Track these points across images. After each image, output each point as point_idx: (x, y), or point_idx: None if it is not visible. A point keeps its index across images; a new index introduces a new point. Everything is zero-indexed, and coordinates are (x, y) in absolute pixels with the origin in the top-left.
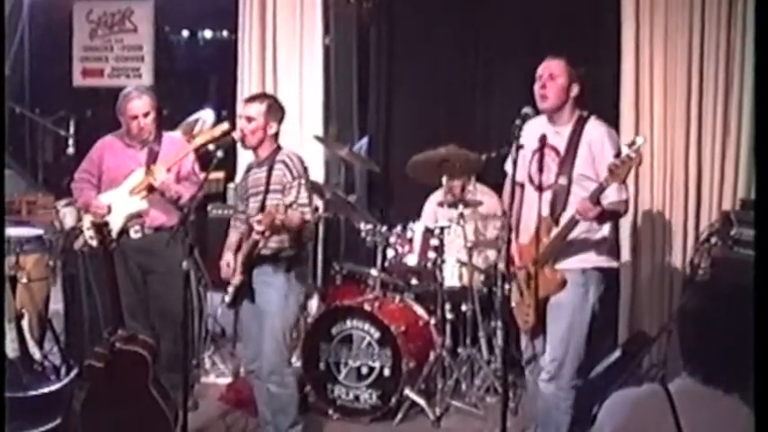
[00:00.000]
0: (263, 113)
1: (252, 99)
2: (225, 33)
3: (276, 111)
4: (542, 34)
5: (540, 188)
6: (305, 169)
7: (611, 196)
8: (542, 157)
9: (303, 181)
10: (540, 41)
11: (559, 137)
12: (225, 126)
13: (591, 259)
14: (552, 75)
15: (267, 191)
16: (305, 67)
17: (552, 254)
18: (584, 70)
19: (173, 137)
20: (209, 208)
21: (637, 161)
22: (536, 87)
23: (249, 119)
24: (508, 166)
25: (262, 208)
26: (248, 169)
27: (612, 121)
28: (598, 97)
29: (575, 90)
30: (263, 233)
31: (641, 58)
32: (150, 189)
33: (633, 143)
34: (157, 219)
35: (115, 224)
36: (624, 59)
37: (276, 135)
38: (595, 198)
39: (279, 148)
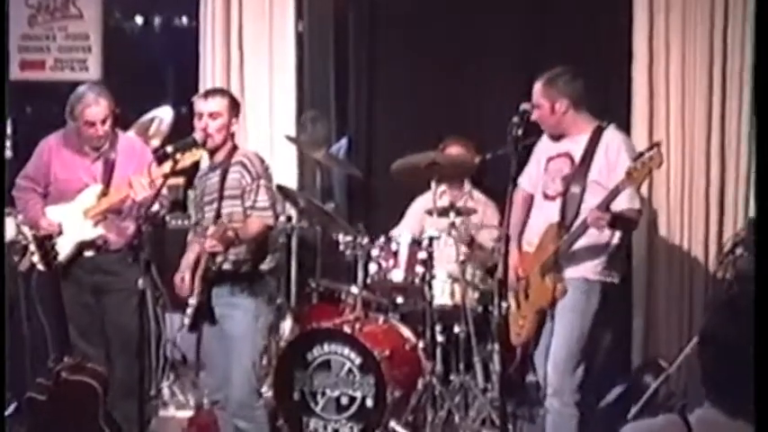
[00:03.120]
0: (227, 108)
1: (212, 93)
2: (184, 20)
3: (236, 106)
4: (545, 21)
5: (551, 196)
6: (265, 169)
7: (622, 204)
8: (556, 165)
9: (263, 182)
10: (543, 29)
11: (575, 145)
12: (198, 154)
13: (595, 270)
14: (550, 106)
15: (222, 197)
16: (275, 58)
17: (556, 261)
18: (571, 77)
19: (129, 141)
20: (167, 218)
21: (656, 163)
22: (538, 114)
23: (214, 115)
24: (522, 179)
25: (217, 218)
26: (202, 175)
27: (622, 124)
28: (606, 98)
29: (562, 107)
30: (214, 248)
31: (655, 56)
32: (111, 211)
33: (653, 146)
34: (115, 243)
35: (64, 248)
36: (636, 57)
37: (234, 134)
38: (605, 205)
39: (235, 147)
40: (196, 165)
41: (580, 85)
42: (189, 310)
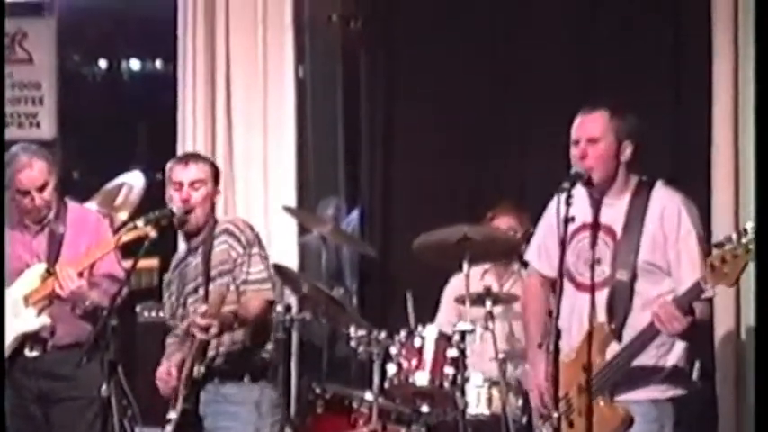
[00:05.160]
0: (211, 176)
1: (192, 159)
2: (158, 64)
3: (218, 173)
4: (597, 65)
5: (589, 286)
6: (256, 236)
7: (681, 287)
8: (585, 241)
9: (256, 250)
10: (594, 76)
11: (613, 212)
12: (166, 211)
13: (664, 387)
14: (592, 138)
15: (209, 279)
16: (271, 111)
17: (612, 380)
18: (636, 120)
19: (81, 212)
20: (138, 309)
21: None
22: (573, 154)
23: (196, 184)
24: (531, 254)
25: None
26: (177, 263)
27: (702, 190)
28: (679, 157)
29: (627, 152)
30: (207, 330)
31: (742, 100)
32: (56, 296)
33: (746, 230)
34: (66, 336)
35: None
36: (716, 103)
37: (214, 206)
38: (687, 304)
39: (215, 221)
40: (173, 243)
41: (641, 130)
42: (169, 428)
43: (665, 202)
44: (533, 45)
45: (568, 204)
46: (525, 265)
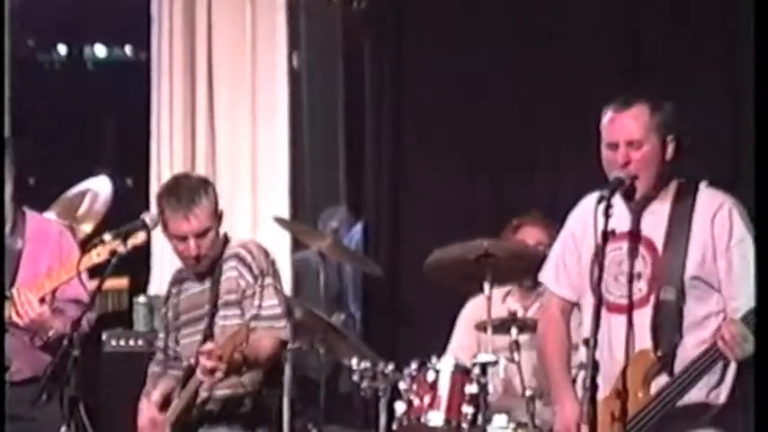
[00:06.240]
0: (212, 212)
1: (188, 205)
2: (128, 50)
3: (216, 196)
4: (642, 57)
5: (623, 307)
6: (272, 263)
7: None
8: (628, 254)
9: (269, 280)
10: (642, 68)
11: (652, 220)
12: (141, 237)
13: (714, 430)
14: (634, 140)
15: (215, 310)
16: (260, 106)
17: (657, 419)
18: (671, 108)
19: (42, 224)
20: (104, 337)
21: None
22: (609, 159)
23: (202, 234)
24: (547, 275)
25: (204, 340)
26: (176, 282)
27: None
28: (725, 156)
29: (670, 149)
30: (212, 372)
31: None
32: (12, 324)
33: None
34: (20, 371)
35: None
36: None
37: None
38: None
39: (226, 240)
40: (146, 260)
41: (679, 120)
42: None
43: (715, 206)
44: (560, 32)
45: (607, 216)
46: None
